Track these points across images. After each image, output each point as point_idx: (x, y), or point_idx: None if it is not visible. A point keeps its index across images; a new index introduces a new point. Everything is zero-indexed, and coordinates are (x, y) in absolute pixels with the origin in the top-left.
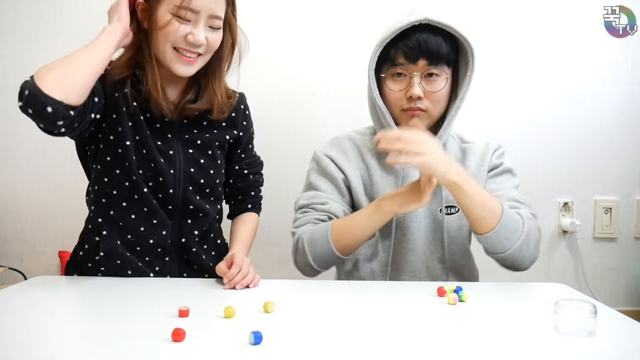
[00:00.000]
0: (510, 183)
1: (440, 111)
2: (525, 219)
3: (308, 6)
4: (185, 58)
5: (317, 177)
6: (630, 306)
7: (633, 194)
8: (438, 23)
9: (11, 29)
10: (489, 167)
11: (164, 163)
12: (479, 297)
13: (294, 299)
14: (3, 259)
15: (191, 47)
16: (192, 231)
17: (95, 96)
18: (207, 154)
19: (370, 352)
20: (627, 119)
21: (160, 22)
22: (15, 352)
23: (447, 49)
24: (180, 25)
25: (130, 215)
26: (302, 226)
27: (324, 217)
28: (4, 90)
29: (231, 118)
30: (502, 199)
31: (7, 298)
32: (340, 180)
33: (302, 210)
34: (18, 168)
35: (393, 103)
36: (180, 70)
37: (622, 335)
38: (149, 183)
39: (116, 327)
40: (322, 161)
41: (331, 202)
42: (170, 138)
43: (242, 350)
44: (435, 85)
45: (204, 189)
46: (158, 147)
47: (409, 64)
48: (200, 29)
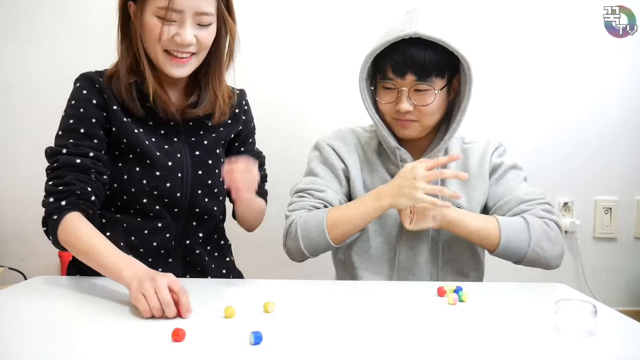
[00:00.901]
0: (516, 180)
1: (435, 120)
2: (530, 223)
3: (309, 5)
4: (177, 59)
5: (317, 164)
6: (630, 306)
7: (633, 194)
8: (429, 37)
9: (11, 29)
10: (490, 167)
11: (171, 167)
12: (479, 297)
13: (294, 299)
14: (3, 259)
15: (180, 48)
16: (197, 233)
17: (102, 149)
18: (214, 154)
19: (370, 352)
20: (627, 119)
21: (147, 25)
22: (15, 352)
23: (438, 60)
24: (165, 27)
25: (136, 218)
26: (296, 210)
27: (319, 204)
28: (3, 90)
29: (234, 115)
30: (511, 204)
31: (7, 298)
32: (340, 171)
33: (299, 195)
34: (18, 168)
35: (384, 113)
36: (173, 72)
37: (622, 335)
38: (154, 192)
39: (116, 327)
40: (324, 150)
41: (329, 190)
42: (176, 142)
43: (242, 350)
44: (424, 99)
45: (211, 189)
46: (165, 152)
47: (397, 78)
48: (187, 29)
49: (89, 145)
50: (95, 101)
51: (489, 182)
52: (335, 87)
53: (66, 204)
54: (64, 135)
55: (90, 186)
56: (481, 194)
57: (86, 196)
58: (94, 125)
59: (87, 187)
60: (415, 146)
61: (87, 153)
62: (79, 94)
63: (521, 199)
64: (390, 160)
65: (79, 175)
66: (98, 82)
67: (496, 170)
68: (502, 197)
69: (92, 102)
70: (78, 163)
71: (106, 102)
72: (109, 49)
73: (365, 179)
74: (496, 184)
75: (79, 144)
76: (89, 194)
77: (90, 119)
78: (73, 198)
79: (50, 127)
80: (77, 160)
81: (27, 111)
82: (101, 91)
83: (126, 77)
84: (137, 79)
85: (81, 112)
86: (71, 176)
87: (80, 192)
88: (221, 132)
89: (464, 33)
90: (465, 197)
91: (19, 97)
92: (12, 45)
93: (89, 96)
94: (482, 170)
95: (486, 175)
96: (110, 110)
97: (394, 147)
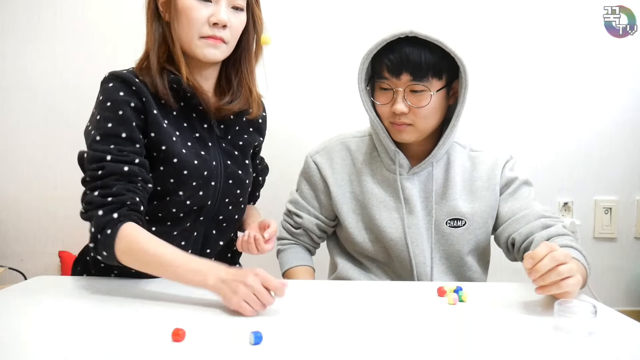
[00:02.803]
0: (531, 196)
1: (431, 124)
2: (578, 250)
3: (309, 5)
4: (212, 39)
5: (301, 180)
6: (630, 306)
7: (633, 194)
8: (425, 36)
9: (11, 29)
10: (503, 181)
11: (206, 176)
12: (479, 297)
13: (294, 299)
14: (3, 259)
15: (216, 31)
16: (218, 242)
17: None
18: (243, 165)
19: (370, 352)
20: (627, 119)
21: (182, 8)
22: (16, 352)
23: (435, 60)
24: (202, 7)
25: (151, 227)
26: (283, 240)
27: (298, 231)
28: (4, 90)
29: (258, 124)
30: (530, 218)
31: (7, 298)
32: (320, 192)
33: (287, 212)
34: (18, 168)
35: (382, 116)
36: (207, 53)
37: (622, 335)
38: (187, 202)
39: (116, 327)
40: (309, 168)
41: (305, 215)
42: (211, 147)
43: (242, 350)
44: (420, 101)
45: (237, 198)
46: (202, 160)
47: (393, 78)
48: (222, 8)
49: (132, 150)
50: (134, 104)
51: (501, 197)
52: (337, 88)
53: (118, 216)
54: (103, 140)
55: (139, 196)
56: (488, 207)
57: (136, 207)
58: (135, 129)
59: (136, 197)
60: (416, 152)
61: (133, 160)
62: (114, 94)
63: (540, 214)
64: (384, 165)
65: (127, 184)
66: (135, 84)
67: (510, 185)
68: (519, 211)
69: (130, 104)
70: (126, 171)
71: (145, 106)
72: (109, 49)
73: (355, 191)
74: (510, 198)
75: (123, 150)
76: (138, 204)
77: (130, 123)
78: (124, 209)
79: (50, 127)
80: (125, 167)
81: (27, 111)
82: (139, 93)
83: (157, 66)
84: (171, 69)
85: (120, 114)
86: (119, 186)
87: (131, 203)
88: (246, 139)
89: (464, 33)
90: (470, 207)
91: (19, 97)
92: (12, 45)
93: (126, 98)
94: (492, 183)
95: (496, 188)
96: (150, 114)
97: (393, 151)
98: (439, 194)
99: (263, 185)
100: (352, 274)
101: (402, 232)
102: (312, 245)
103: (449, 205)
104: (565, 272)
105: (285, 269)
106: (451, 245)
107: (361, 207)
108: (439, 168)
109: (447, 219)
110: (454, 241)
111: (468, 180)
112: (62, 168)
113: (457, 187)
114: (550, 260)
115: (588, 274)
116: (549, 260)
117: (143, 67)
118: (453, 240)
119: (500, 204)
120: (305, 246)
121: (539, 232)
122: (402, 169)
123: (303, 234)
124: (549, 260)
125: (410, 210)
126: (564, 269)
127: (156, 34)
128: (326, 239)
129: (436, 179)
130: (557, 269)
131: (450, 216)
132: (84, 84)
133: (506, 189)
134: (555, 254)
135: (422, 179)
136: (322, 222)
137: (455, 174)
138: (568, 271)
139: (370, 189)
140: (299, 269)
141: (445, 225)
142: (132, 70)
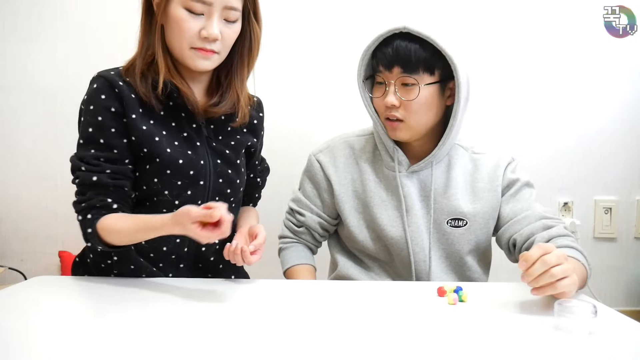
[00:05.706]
0: (532, 198)
1: (423, 121)
2: (579, 250)
3: (309, 6)
4: (203, 51)
5: (304, 179)
6: (630, 306)
7: (633, 194)
8: (417, 32)
9: (11, 29)
10: (504, 183)
11: (193, 176)
12: (479, 297)
13: (294, 299)
14: (3, 259)
15: (207, 44)
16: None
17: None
18: (234, 164)
19: (370, 352)
20: (627, 119)
21: (173, 18)
22: (15, 352)
23: (426, 55)
24: (193, 20)
25: None
26: (284, 233)
27: (300, 229)
28: (4, 89)
29: (252, 125)
30: (531, 219)
31: (7, 298)
32: (323, 190)
33: (289, 210)
34: (18, 168)
35: (378, 110)
36: (198, 64)
37: (622, 335)
38: (176, 201)
39: (116, 327)
40: (312, 166)
41: (307, 214)
42: (199, 147)
43: (242, 350)
44: (410, 94)
45: (229, 198)
46: (189, 159)
47: (385, 71)
48: (214, 22)
49: (107, 158)
50: (114, 109)
51: (503, 198)
52: (338, 86)
53: (92, 216)
54: (84, 145)
55: (110, 197)
56: (489, 208)
57: (106, 205)
58: (114, 135)
59: (106, 199)
60: (417, 152)
61: (104, 169)
62: (97, 98)
63: (542, 215)
64: (384, 164)
65: (98, 190)
66: (117, 87)
67: (511, 186)
68: (521, 212)
69: (110, 110)
70: (94, 181)
71: (125, 110)
72: (108, 49)
73: (357, 190)
74: (511, 200)
75: (99, 156)
76: (110, 204)
77: (110, 129)
78: (95, 210)
79: (50, 127)
80: (93, 177)
81: (27, 111)
82: (120, 97)
83: (140, 67)
84: (155, 76)
85: (99, 120)
86: (90, 193)
87: (100, 205)
88: (238, 140)
89: (464, 33)
90: (472, 207)
91: (19, 97)
92: (12, 45)
93: (107, 102)
94: (494, 184)
95: (498, 190)
96: (129, 118)
97: (392, 148)
98: (439, 194)
99: (264, 186)
100: (353, 273)
101: (402, 231)
102: (314, 244)
103: (451, 205)
104: (559, 273)
105: (287, 267)
106: (451, 245)
107: (363, 205)
108: (440, 168)
109: (448, 219)
110: (454, 241)
111: (470, 181)
112: (62, 168)
113: (458, 187)
114: (541, 264)
115: (589, 275)
116: (540, 265)
117: (129, 68)
118: (453, 240)
119: (502, 205)
120: (307, 245)
121: (540, 233)
122: (400, 167)
123: (305, 233)
124: (540, 264)
125: (409, 209)
126: (557, 271)
127: (148, 38)
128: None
129: (436, 179)
130: (549, 271)
131: (452, 216)
132: (84, 84)
133: (508, 191)
134: (547, 257)
135: (422, 178)
136: (324, 220)
137: (456, 174)
138: (562, 272)
139: (372, 187)
140: (301, 267)
141: (446, 224)
142: (120, 70)
